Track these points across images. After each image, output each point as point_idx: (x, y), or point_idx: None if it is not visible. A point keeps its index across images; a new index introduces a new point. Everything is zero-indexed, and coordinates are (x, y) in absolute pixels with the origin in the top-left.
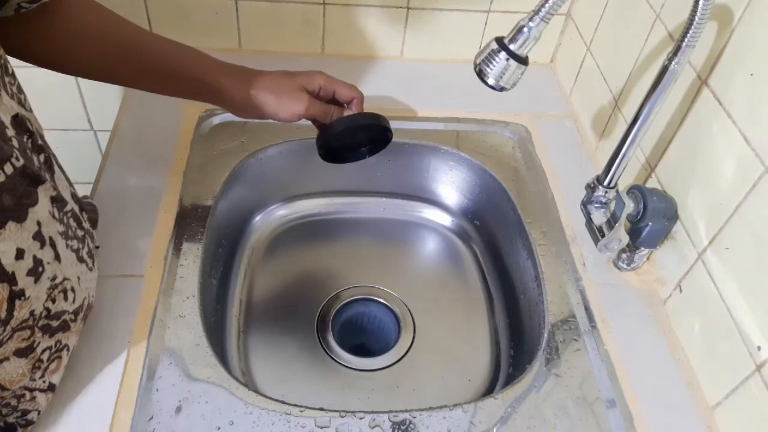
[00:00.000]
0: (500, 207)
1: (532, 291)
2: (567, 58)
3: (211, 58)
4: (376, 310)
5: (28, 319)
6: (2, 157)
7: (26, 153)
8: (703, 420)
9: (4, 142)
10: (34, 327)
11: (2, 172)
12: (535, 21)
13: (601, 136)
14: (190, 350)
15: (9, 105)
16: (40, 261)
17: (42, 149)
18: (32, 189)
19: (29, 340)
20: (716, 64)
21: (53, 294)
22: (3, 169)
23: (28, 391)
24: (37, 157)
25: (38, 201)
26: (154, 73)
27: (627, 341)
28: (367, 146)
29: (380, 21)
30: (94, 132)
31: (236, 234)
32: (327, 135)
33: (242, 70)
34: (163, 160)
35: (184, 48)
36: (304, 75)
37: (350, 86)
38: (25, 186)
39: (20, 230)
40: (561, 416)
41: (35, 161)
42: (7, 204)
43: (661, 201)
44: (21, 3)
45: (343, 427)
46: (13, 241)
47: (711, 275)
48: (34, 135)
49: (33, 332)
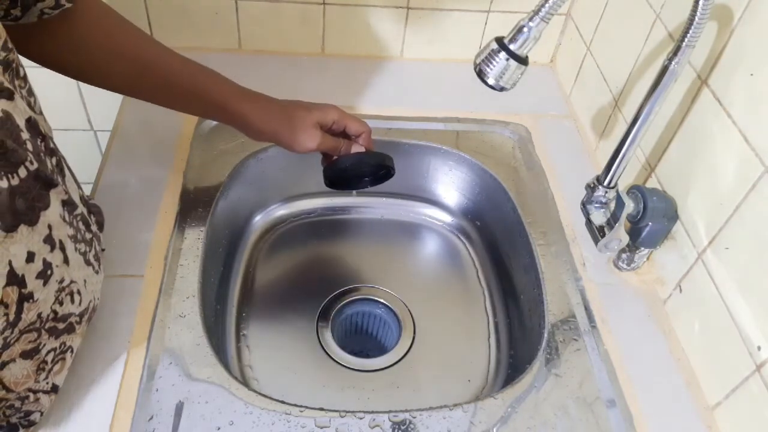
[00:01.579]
0: (500, 207)
1: (532, 291)
2: (567, 58)
3: (231, 82)
4: (376, 310)
5: (35, 321)
6: (17, 161)
7: (39, 156)
8: (703, 420)
9: (19, 145)
10: (41, 329)
11: (16, 175)
12: (535, 21)
13: (601, 136)
14: (190, 350)
15: (23, 108)
16: (50, 264)
17: (54, 152)
18: (45, 192)
19: (35, 342)
20: (716, 64)
21: (61, 296)
22: (17, 172)
23: (32, 393)
24: (50, 160)
25: (50, 204)
26: (173, 92)
27: (627, 341)
28: (369, 177)
29: (380, 21)
30: (94, 132)
31: (236, 234)
32: (334, 168)
33: (262, 99)
34: (163, 160)
35: (206, 71)
36: (319, 110)
37: (360, 121)
38: (38, 189)
39: (32, 233)
40: (561, 416)
41: (48, 164)
42: (20, 207)
43: (661, 201)
44: (44, 9)
45: (343, 427)
46: (24, 244)
47: (711, 275)
48: (46, 138)
49: (39, 334)
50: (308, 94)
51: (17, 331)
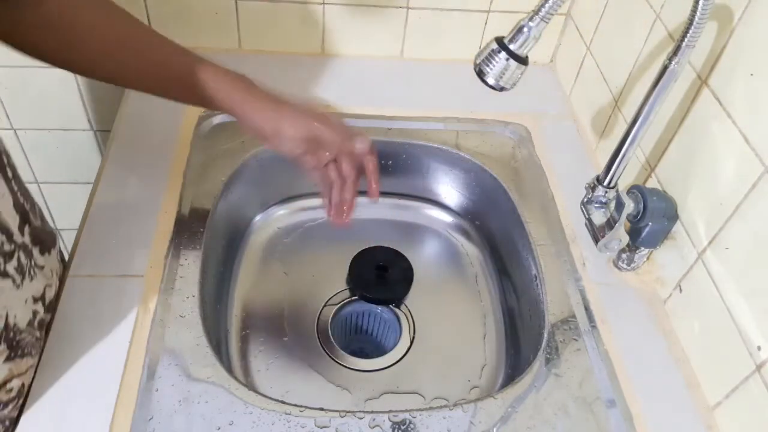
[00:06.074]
0: (500, 207)
1: (532, 291)
2: (567, 58)
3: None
4: (376, 310)
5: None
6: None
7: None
8: (703, 420)
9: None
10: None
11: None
12: (535, 21)
13: (601, 136)
14: (190, 350)
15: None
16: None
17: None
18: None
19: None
20: (716, 64)
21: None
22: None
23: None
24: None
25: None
26: (165, 82)
27: (627, 341)
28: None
29: (380, 21)
30: (94, 132)
31: (236, 234)
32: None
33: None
34: (163, 160)
35: (204, 64)
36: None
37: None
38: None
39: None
40: (561, 416)
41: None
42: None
43: (661, 201)
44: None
45: (343, 427)
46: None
47: (711, 275)
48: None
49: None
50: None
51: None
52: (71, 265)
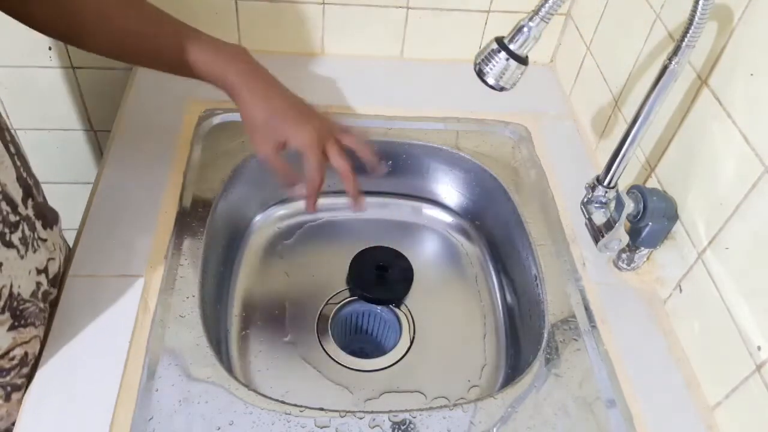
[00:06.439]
0: (500, 207)
1: (532, 291)
2: (567, 58)
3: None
4: (376, 310)
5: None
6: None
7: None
8: (703, 420)
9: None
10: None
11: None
12: (535, 21)
13: (601, 136)
14: (190, 350)
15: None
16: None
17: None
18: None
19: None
20: (716, 64)
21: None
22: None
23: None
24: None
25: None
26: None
27: (627, 341)
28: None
29: (380, 21)
30: (94, 132)
31: (236, 234)
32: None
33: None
34: (163, 160)
35: (205, 44)
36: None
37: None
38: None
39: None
40: (561, 416)
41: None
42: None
43: (661, 201)
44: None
45: (343, 427)
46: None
47: (711, 275)
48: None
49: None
50: (308, 94)
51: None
52: (71, 265)
